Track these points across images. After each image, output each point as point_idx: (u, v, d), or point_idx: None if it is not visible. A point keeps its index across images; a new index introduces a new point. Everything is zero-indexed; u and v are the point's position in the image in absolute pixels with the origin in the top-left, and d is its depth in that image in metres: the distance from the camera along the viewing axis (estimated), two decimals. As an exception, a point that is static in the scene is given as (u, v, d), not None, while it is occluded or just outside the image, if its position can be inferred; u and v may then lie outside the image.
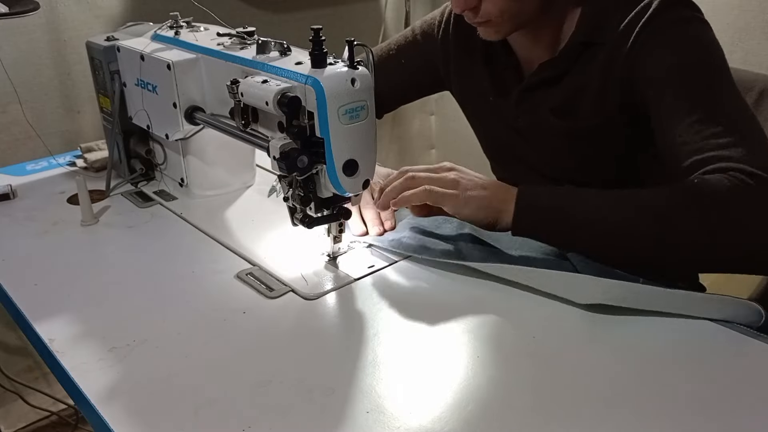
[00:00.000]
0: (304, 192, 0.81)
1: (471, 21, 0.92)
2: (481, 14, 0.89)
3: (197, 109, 1.01)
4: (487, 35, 0.94)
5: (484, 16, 0.90)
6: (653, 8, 0.86)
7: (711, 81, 0.83)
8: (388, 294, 0.84)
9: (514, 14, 0.89)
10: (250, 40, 0.92)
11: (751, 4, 1.57)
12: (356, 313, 0.80)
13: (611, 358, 0.71)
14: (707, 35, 0.87)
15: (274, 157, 0.78)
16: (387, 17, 2.21)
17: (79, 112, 1.66)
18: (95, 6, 1.62)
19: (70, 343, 0.77)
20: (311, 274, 0.88)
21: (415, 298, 0.83)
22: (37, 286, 0.89)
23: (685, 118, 0.81)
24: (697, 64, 0.84)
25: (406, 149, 2.50)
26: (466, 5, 0.89)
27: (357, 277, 0.88)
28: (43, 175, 1.27)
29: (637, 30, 0.86)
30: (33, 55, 1.56)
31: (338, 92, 0.75)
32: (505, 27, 0.91)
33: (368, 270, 0.89)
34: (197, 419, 0.65)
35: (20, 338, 1.69)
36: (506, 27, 0.91)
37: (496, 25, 0.91)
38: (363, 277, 0.88)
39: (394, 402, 0.66)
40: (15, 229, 1.06)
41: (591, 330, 0.75)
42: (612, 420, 0.62)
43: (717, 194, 0.75)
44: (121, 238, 1.02)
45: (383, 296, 0.83)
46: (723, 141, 0.79)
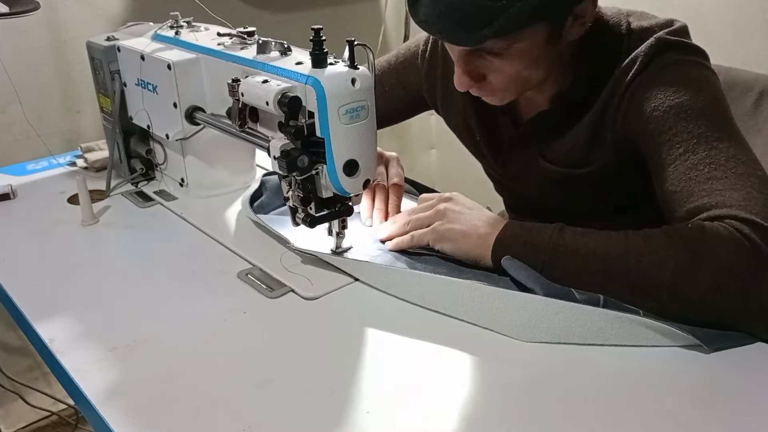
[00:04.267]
0: (304, 192, 0.81)
1: (476, 93, 0.89)
2: (485, 91, 0.88)
3: (197, 109, 1.01)
4: (491, 101, 0.91)
5: (488, 92, 0.88)
6: (640, 60, 0.83)
7: (704, 124, 0.78)
8: (389, 294, 0.84)
9: (519, 88, 0.87)
10: (250, 40, 0.92)
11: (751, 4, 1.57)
12: (356, 313, 0.80)
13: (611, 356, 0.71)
14: (700, 77, 0.83)
15: (274, 156, 0.78)
16: (387, 17, 2.21)
17: (79, 112, 1.66)
18: (95, 6, 1.62)
19: (70, 343, 0.76)
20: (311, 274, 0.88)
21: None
22: (37, 286, 0.89)
23: (678, 165, 0.78)
24: (689, 108, 0.79)
25: (406, 149, 2.50)
26: (469, 87, 0.86)
27: (357, 277, 0.88)
28: (43, 175, 1.27)
29: (626, 82, 0.84)
30: (33, 55, 1.56)
31: (338, 92, 0.75)
32: (509, 96, 0.89)
33: (368, 270, 0.89)
34: (197, 419, 0.65)
35: (20, 338, 1.69)
36: (510, 96, 0.89)
37: (500, 96, 0.89)
38: (363, 277, 0.88)
39: (394, 402, 0.66)
40: (15, 229, 1.06)
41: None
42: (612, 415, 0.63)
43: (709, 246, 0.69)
44: (121, 238, 1.02)
45: (383, 296, 0.83)
46: (717, 186, 0.74)
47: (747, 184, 0.74)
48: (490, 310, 0.75)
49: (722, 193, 0.73)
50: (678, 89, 0.81)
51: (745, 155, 0.77)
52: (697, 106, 0.79)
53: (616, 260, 0.73)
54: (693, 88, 0.81)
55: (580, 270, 0.75)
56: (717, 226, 0.71)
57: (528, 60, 0.82)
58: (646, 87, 0.83)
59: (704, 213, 0.73)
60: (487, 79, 0.86)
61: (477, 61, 0.84)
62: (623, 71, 0.85)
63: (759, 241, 0.69)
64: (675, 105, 0.80)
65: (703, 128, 0.78)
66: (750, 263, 0.68)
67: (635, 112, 0.83)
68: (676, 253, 0.71)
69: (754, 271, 0.68)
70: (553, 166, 0.95)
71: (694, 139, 0.78)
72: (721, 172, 0.75)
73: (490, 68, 0.84)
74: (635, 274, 0.72)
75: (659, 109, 0.81)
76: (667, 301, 0.71)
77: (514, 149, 0.99)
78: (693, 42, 0.86)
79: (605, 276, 0.74)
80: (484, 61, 0.84)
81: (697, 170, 0.76)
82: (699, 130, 0.78)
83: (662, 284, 0.71)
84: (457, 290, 0.77)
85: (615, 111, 0.86)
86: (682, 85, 0.81)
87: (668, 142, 0.79)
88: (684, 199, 0.76)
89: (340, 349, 0.75)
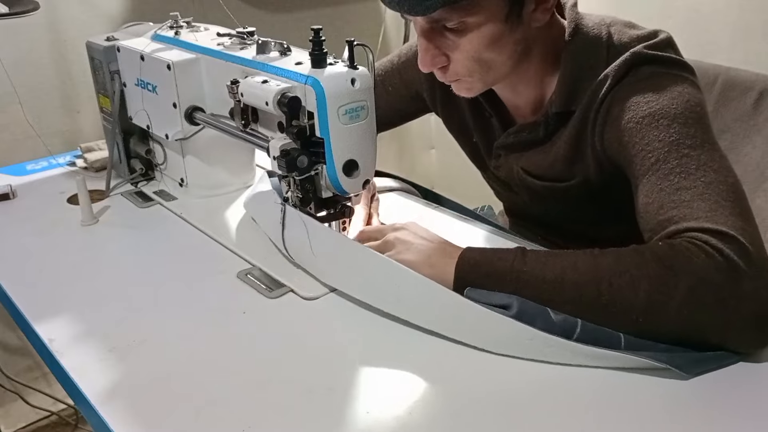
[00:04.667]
0: (303, 192, 0.81)
1: (441, 79, 0.88)
2: (449, 74, 0.86)
3: (197, 109, 1.01)
4: (459, 92, 0.90)
5: (453, 75, 0.86)
6: (612, 75, 0.82)
7: (676, 131, 0.77)
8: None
9: (483, 74, 0.85)
10: (250, 40, 0.92)
11: (751, 4, 1.57)
12: (356, 313, 0.80)
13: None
14: (674, 86, 0.80)
15: (274, 157, 0.78)
16: (387, 17, 2.21)
17: (79, 112, 1.66)
18: (95, 6, 1.62)
19: (70, 343, 0.77)
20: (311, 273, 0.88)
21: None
22: (37, 286, 0.89)
23: (650, 176, 0.76)
24: (661, 116, 0.78)
25: (406, 149, 2.50)
26: (432, 65, 0.85)
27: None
28: (43, 175, 1.27)
29: (600, 97, 0.83)
30: (33, 55, 1.56)
31: (338, 92, 0.75)
32: (477, 85, 0.88)
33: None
34: (197, 419, 0.65)
35: (20, 338, 1.69)
36: (478, 85, 0.88)
37: (467, 83, 0.87)
38: (363, 277, 0.88)
39: (394, 402, 0.66)
40: (15, 229, 1.06)
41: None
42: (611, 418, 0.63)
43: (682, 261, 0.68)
44: (121, 238, 1.02)
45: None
46: (686, 196, 0.73)
47: (715, 193, 0.72)
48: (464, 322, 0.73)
49: (690, 204, 0.72)
50: (650, 99, 0.79)
51: (717, 163, 0.75)
52: (670, 113, 0.78)
53: (586, 284, 0.70)
54: (666, 95, 0.79)
55: (548, 299, 0.72)
56: (686, 240, 0.69)
57: (486, 39, 0.81)
58: (620, 101, 0.81)
59: (673, 226, 0.72)
60: (449, 61, 0.84)
61: (438, 38, 0.83)
62: (598, 86, 0.84)
63: (728, 251, 0.67)
64: (647, 114, 0.79)
65: (675, 135, 0.77)
66: (724, 274, 0.66)
67: (611, 126, 0.82)
68: (649, 271, 0.68)
69: (729, 282, 0.66)
70: (535, 180, 0.95)
71: (665, 147, 0.76)
72: (691, 182, 0.73)
73: (450, 47, 0.83)
74: (608, 298, 0.69)
75: (633, 120, 0.79)
76: (644, 322, 0.68)
77: (498, 158, 0.99)
78: (673, 55, 0.84)
79: (577, 302, 0.71)
80: (444, 39, 0.82)
81: (667, 180, 0.75)
82: (671, 138, 0.76)
83: (636, 305, 0.68)
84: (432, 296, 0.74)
85: (592, 126, 0.85)
86: (654, 94, 0.80)
87: (641, 153, 0.78)
88: (655, 211, 0.75)
89: (340, 349, 0.75)
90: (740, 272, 0.66)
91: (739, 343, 0.68)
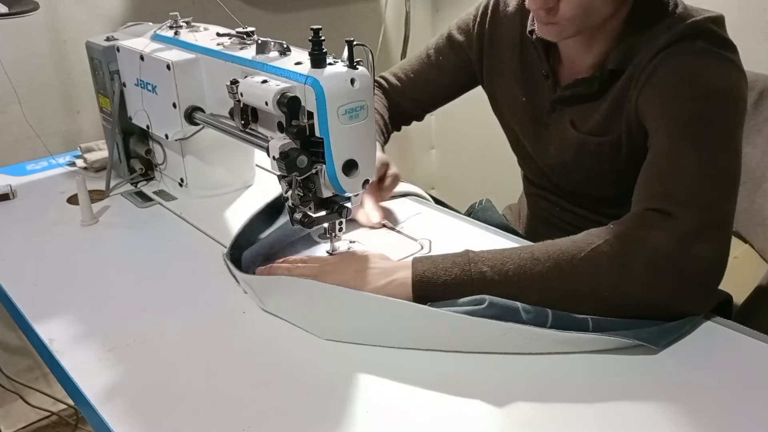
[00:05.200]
0: (303, 192, 0.81)
1: (541, 20, 0.90)
2: (551, 15, 0.87)
3: (197, 109, 1.01)
4: (548, 34, 0.91)
5: (554, 17, 0.87)
6: (669, 39, 0.85)
7: (704, 112, 0.80)
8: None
9: (581, 21, 0.87)
10: (249, 40, 0.92)
11: (751, 4, 1.57)
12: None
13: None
14: (719, 69, 0.83)
15: (273, 157, 0.78)
16: (387, 17, 2.20)
17: (79, 112, 1.66)
18: (95, 6, 1.62)
19: (70, 343, 0.77)
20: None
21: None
22: (37, 286, 0.89)
23: (660, 160, 0.80)
24: (696, 94, 0.81)
25: (406, 149, 2.50)
26: (545, 3, 0.86)
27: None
28: (43, 175, 1.27)
29: (650, 58, 0.85)
30: (33, 55, 1.56)
31: (338, 92, 0.75)
32: (570, 31, 0.89)
33: (368, 270, 0.89)
34: (197, 419, 0.65)
35: (20, 338, 1.69)
36: (570, 31, 0.89)
37: (561, 27, 0.89)
38: (363, 277, 0.88)
39: (394, 402, 0.66)
40: (15, 229, 1.06)
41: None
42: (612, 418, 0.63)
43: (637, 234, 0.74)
44: (121, 238, 1.02)
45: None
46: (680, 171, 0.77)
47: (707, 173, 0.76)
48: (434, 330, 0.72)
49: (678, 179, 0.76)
50: (693, 72, 0.82)
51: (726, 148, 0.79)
52: (705, 91, 0.80)
53: (550, 271, 0.73)
54: (708, 74, 0.82)
55: (516, 293, 0.73)
56: (649, 212, 0.75)
57: None
58: (664, 67, 0.84)
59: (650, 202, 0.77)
60: (558, 2, 0.86)
61: None
62: (651, 48, 0.86)
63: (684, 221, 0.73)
64: (685, 87, 0.81)
65: (701, 111, 0.79)
66: (675, 243, 0.72)
67: (650, 89, 0.85)
68: (608, 248, 0.73)
69: (681, 249, 0.72)
70: (575, 132, 0.97)
71: (686, 120, 0.80)
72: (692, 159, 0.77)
73: None
74: (574, 278, 0.73)
75: (670, 88, 0.82)
76: (610, 297, 0.72)
77: (552, 113, 1.00)
78: (727, 36, 0.86)
79: (545, 290, 0.73)
80: None
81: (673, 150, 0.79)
82: (697, 113, 0.79)
83: (602, 281, 0.72)
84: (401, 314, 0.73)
85: (635, 86, 0.87)
86: (698, 69, 0.82)
87: (664, 119, 0.81)
88: (648, 180, 0.79)
89: (340, 349, 0.74)
90: (691, 239, 0.73)
91: (693, 306, 0.74)
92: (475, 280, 0.74)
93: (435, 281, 0.75)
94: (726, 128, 0.80)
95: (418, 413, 0.64)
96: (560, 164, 1.03)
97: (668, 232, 0.73)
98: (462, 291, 0.74)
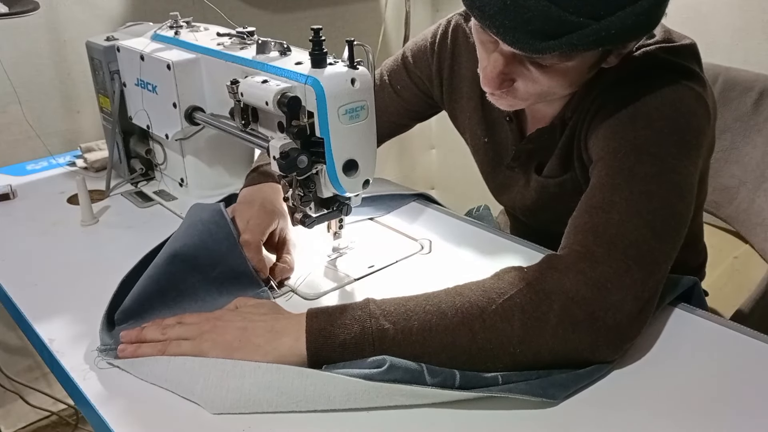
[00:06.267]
0: (303, 192, 0.81)
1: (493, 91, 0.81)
2: (506, 93, 0.80)
3: (197, 109, 1.01)
4: (500, 105, 0.85)
5: (509, 96, 0.81)
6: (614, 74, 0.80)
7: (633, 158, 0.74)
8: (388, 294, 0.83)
9: (537, 100, 0.82)
10: (250, 40, 0.92)
11: (751, 4, 1.57)
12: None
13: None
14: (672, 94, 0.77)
15: (274, 157, 0.78)
16: (387, 17, 2.21)
17: (79, 112, 1.66)
18: (95, 6, 1.62)
19: (70, 343, 0.76)
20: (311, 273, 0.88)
21: (415, 298, 0.83)
22: (37, 286, 0.89)
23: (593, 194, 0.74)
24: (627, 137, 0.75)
25: (406, 149, 2.50)
26: (499, 87, 0.79)
27: (357, 277, 0.88)
28: (43, 175, 1.27)
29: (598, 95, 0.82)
30: (33, 55, 1.56)
31: (338, 92, 0.75)
32: (524, 105, 0.84)
33: (368, 270, 0.89)
34: (197, 419, 0.65)
35: (20, 338, 1.69)
36: (524, 105, 0.84)
37: (514, 102, 0.83)
38: (363, 277, 0.88)
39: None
40: (15, 229, 1.06)
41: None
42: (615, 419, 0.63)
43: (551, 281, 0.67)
44: (120, 238, 1.02)
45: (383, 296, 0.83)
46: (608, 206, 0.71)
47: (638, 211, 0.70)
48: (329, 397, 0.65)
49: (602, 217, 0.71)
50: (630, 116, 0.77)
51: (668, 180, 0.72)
52: (651, 116, 0.76)
53: (457, 327, 0.66)
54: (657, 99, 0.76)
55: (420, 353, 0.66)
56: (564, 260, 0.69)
57: (567, 79, 0.78)
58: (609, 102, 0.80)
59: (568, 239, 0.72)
60: (514, 84, 0.79)
61: (515, 65, 0.77)
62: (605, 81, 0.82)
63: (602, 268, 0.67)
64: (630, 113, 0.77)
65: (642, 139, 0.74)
66: (593, 289, 0.66)
67: (594, 125, 0.81)
68: (520, 298, 0.67)
69: (598, 295, 0.66)
70: (536, 176, 0.95)
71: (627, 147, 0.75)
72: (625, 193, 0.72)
73: (525, 77, 0.78)
74: (483, 336, 0.66)
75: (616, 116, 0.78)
76: (521, 352, 0.66)
77: (517, 158, 0.97)
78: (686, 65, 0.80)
79: (449, 348, 0.66)
80: (521, 68, 0.77)
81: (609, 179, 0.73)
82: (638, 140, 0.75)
83: (513, 335, 0.66)
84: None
85: (583, 122, 0.84)
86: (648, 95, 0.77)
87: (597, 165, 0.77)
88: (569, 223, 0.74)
89: (339, 349, 0.74)
90: (610, 284, 0.66)
91: (606, 355, 0.67)
92: (375, 339, 0.67)
93: (332, 342, 0.67)
94: (669, 160, 0.73)
95: (419, 413, 0.64)
96: (524, 206, 1.01)
97: (585, 277, 0.67)
98: (361, 352, 0.67)
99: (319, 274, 0.89)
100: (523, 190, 1.00)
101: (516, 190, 1.02)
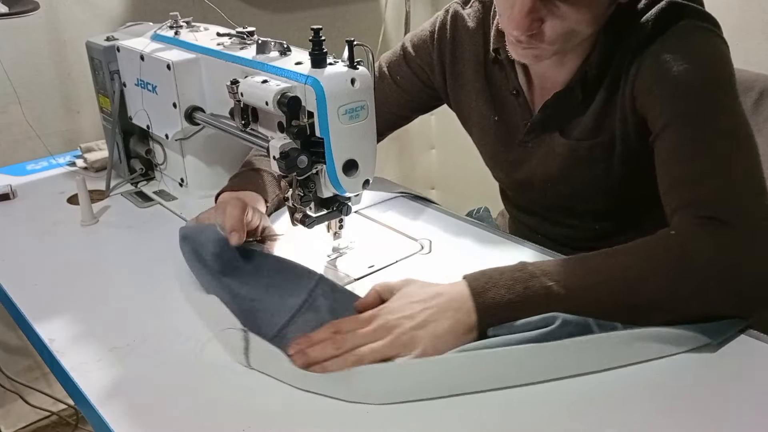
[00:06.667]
0: (303, 192, 0.81)
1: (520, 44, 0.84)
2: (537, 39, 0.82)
3: (197, 109, 1.01)
4: (524, 58, 0.87)
5: (536, 41, 0.82)
6: (650, 24, 0.83)
7: (703, 102, 0.79)
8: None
9: (563, 44, 0.83)
10: (250, 40, 0.92)
11: (751, 4, 1.57)
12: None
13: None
14: (708, 48, 0.82)
15: (274, 157, 0.78)
16: (387, 17, 2.21)
17: (79, 112, 1.66)
18: (95, 6, 1.62)
19: (70, 343, 0.77)
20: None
21: (415, 298, 0.82)
22: (37, 286, 0.89)
23: (673, 156, 0.79)
24: (690, 84, 0.80)
25: (406, 149, 2.50)
26: (530, 29, 0.80)
27: (357, 277, 0.88)
28: (43, 175, 1.27)
29: (635, 47, 0.84)
30: (33, 55, 1.56)
31: (338, 92, 0.75)
32: (547, 55, 0.85)
33: (368, 270, 0.89)
34: (197, 419, 0.65)
35: (20, 338, 1.69)
36: (548, 55, 0.85)
37: (542, 51, 0.84)
38: (363, 277, 0.88)
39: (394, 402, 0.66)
40: (15, 229, 1.06)
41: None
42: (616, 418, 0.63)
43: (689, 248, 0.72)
44: (121, 238, 1.02)
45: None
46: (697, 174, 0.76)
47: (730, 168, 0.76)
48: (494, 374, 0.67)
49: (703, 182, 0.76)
50: (682, 62, 0.80)
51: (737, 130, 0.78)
52: (697, 82, 0.79)
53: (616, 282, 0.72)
54: (698, 54, 0.81)
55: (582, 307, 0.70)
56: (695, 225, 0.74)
57: (591, 14, 0.81)
58: (653, 53, 0.82)
59: (681, 211, 0.76)
60: (542, 26, 0.81)
61: (544, 4, 0.79)
62: (634, 36, 0.84)
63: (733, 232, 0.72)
64: (678, 72, 0.80)
65: (702, 106, 0.79)
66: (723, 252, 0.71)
67: (642, 80, 0.84)
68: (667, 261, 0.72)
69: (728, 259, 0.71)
70: (563, 140, 0.94)
71: (689, 117, 0.79)
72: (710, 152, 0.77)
73: (554, 14, 0.80)
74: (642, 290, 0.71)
75: (663, 75, 0.81)
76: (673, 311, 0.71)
77: (532, 131, 0.97)
78: (703, 8, 0.85)
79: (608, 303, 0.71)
80: (551, 6, 0.79)
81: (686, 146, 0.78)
82: (697, 108, 0.79)
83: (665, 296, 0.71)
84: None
85: (625, 79, 0.86)
86: (687, 52, 0.81)
87: (666, 107, 0.80)
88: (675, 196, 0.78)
89: (339, 349, 0.74)
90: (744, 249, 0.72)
91: (749, 309, 0.73)
92: (540, 296, 0.70)
93: (499, 302, 0.70)
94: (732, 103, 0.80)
95: (419, 413, 0.64)
96: (545, 179, 1.01)
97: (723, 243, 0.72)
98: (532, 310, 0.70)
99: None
100: (546, 159, 0.98)
101: (535, 162, 1.00)
